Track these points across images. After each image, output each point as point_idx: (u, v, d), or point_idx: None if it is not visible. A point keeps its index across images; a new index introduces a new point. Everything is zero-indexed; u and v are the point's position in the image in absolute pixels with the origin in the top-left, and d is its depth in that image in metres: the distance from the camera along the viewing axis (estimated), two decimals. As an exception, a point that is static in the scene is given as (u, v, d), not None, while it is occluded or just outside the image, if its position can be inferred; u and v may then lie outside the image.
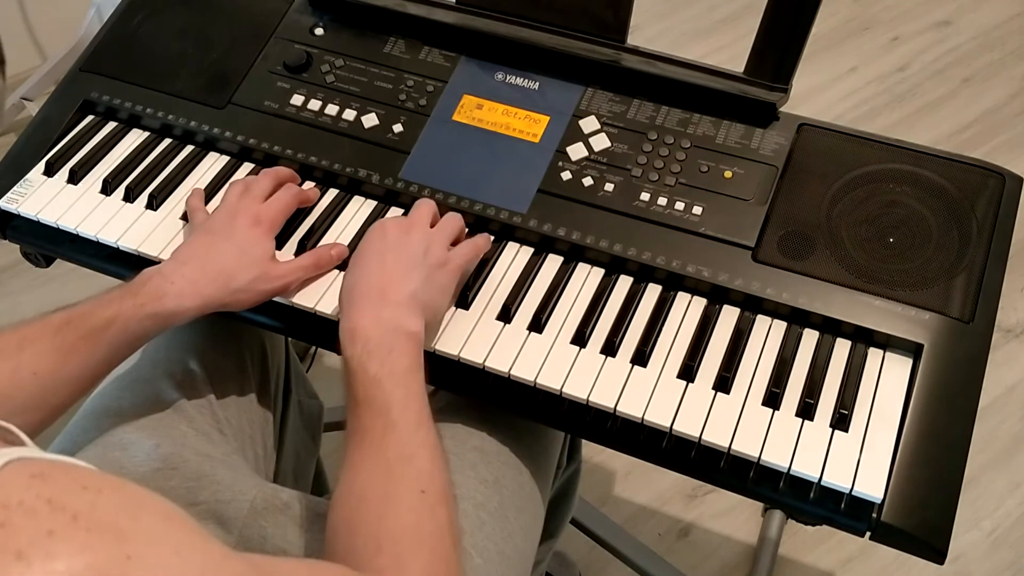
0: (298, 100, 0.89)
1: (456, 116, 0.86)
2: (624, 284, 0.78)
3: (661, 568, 1.25)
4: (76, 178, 0.87)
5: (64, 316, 0.67)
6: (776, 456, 0.67)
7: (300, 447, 0.97)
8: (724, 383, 0.71)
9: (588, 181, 0.81)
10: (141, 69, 0.93)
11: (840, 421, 0.69)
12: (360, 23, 0.92)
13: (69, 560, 0.35)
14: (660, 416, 0.70)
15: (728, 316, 0.76)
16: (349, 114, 0.87)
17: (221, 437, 0.80)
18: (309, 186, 0.86)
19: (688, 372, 0.72)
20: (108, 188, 0.86)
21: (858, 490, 0.65)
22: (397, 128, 0.86)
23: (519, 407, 0.75)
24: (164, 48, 0.93)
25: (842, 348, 0.74)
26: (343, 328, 0.67)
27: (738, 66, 0.82)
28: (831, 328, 0.74)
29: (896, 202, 0.77)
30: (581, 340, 0.75)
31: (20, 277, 1.72)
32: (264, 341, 0.90)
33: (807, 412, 0.70)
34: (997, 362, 1.57)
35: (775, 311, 0.76)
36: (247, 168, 0.88)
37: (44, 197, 0.86)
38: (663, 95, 0.84)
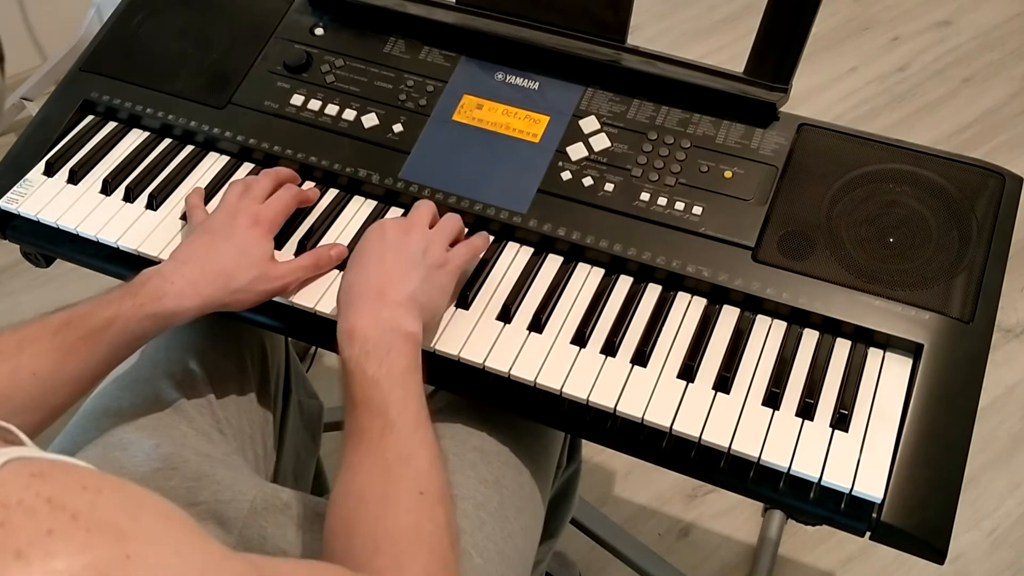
0: (298, 100, 0.89)
1: (456, 116, 0.86)
2: (624, 284, 0.78)
3: (661, 568, 1.25)
4: (76, 178, 0.87)
5: (64, 317, 0.67)
6: (776, 456, 0.67)
7: (300, 447, 0.97)
8: (724, 383, 0.71)
9: (588, 181, 0.81)
10: (141, 69, 0.92)
11: (840, 421, 0.69)
12: (360, 23, 0.92)
13: (68, 559, 0.35)
14: (660, 416, 0.70)
15: (728, 316, 0.76)
16: (349, 114, 0.87)
17: (221, 437, 0.80)
18: (309, 186, 0.86)
19: (688, 372, 0.72)
20: (108, 188, 0.86)
21: (858, 490, 0.65)
22: (397, 128, 0.86)
23: (519, 407, 0.75)
24: (164, 48, 0.93)
25: (842, 348, 0.74)
26: (341, 328, 0.67)
27: (738, 66, 0.82)
28: (831, 328, 0.74)
29: (896, 202, 0.77)
30: (581, 340, 0.75)
31: (20, 277, 1.72)
32: (264, 341, 0.90)
33: (807, 412, 0.70)
34: (997, 362, 1.57)
35: (775, 311, 0.76)
36: (247, 168, 0.88)
37: (44, 197, 0.86)
38: (663, 95, 0.84)
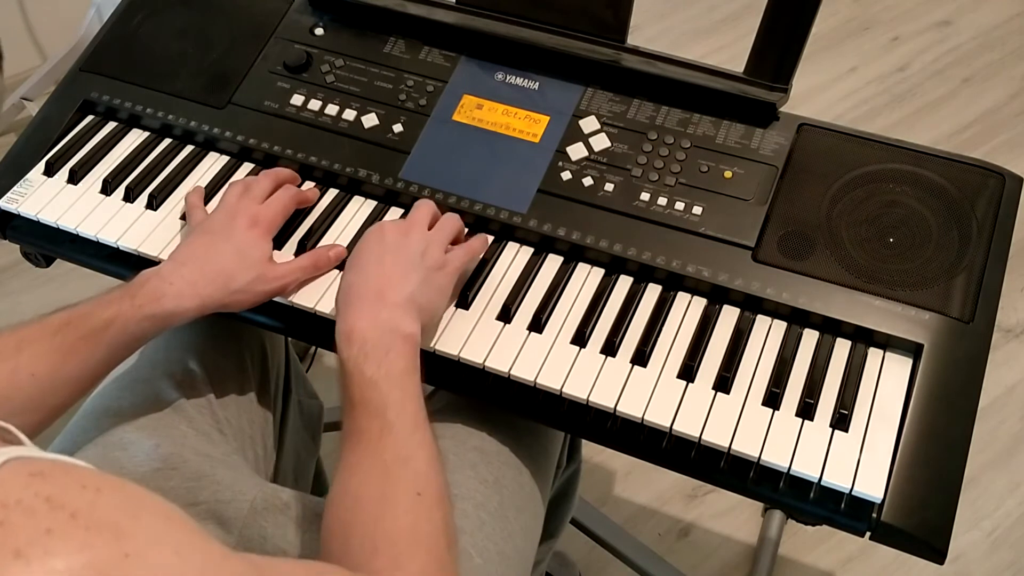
0: (298, 100, 0.89)
1: (456, 116, 0.86)
2: (624, 284, 0.78)
3: (661, 568, 1.24)
4: (76, 178, 0.87)
5: (63, 317, 0.67)
6: (776, 456, 0.67)
7: (300, 447, 0.97)
8: (724, 383, 0.71)
9: (588, 181, 0.81)
10: (141, 69, 0.92)
11: (840, 421, 0.69)
12: (360, 23, 0.92)
13: (68, 558, 0.35)
14: (660, 416, 0.70)
15: (728, 316, 0.76)
16: (349, 114, 0.87)
17: (221, 437, 0.80)
18: (309, 186, 0.86)
19: (688, 372, 0.72)
20: (108, 188, 0.86)
21: (858, 490, 0.65)
22: (397, 128, 0.86)
23: (519, 407, 0.75)
24: (164, 48, 0.93)
25: (842, 348, 0.73)
26: (339, 329, 0.67)
27: (738, 66, 0.82)
28: (831, 328, 0.74)
29: (896, 202, 0.77)
30: (581, 340, 0.74)
31: (20, 277, 1.72)
32: (264, 341, 0.90)
33: (807, 412, 0.70)
34: (997, 362, 1.56)
35: (775, 311, 0.75)
36: (247, 168, 0.88)
37: (44, 197, 0.86)
38: (663, 95, 0.84)
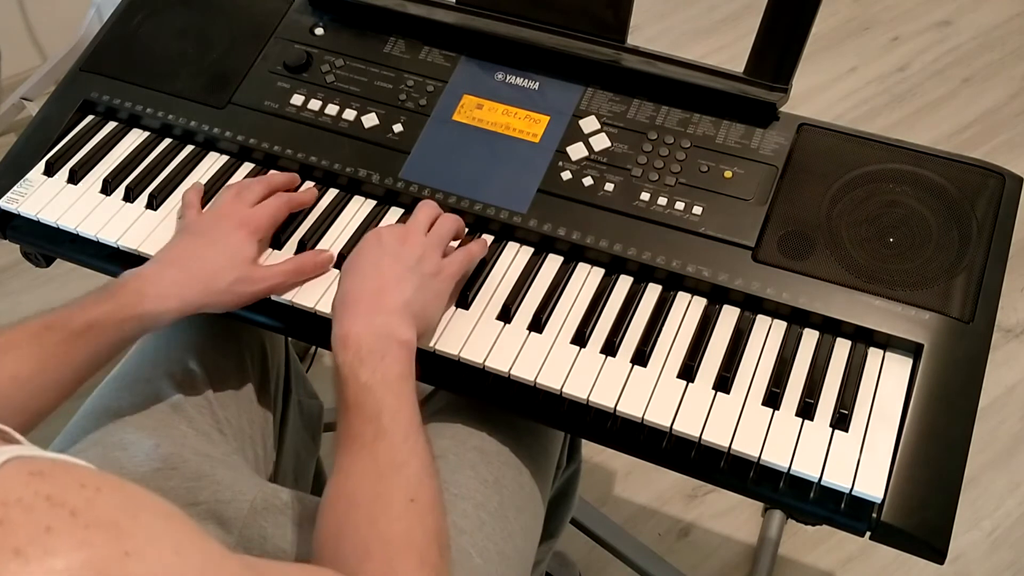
0: (298, 100, 0.89)
1: (456, 116, 0.86)
2: (624, 284, 0.78)
3: (661, 568, 1.24)
4: (76, 178, 0.87)
5: (44, 321, 0.67)
6: (776, 456, 0.67)
7: (300, 447, 0.97)
8: (724, 383, 0.71)
9: (588, 181, 0.81)
10: (141, 69, 0.92)
11: (840, 421, 0.69)
12: (360, 23, 0.92)
13: (67, 557, 0.35)
14: (660, 416, 0.70)
15: (728, 316, 0.76)
16: (349, 114, 0.87)
17: (221, 437, 0.80)
18: (308, 186, 0.86)
19: (688, 372, 0.72)
20: (108, 188, 0.86)
21: (858, 490, 0.65)
22: (397, 128, 0.86)
23: (519, 407, 0.75)
24: (164, 48, 0.93)
25: (842, 348, 0.73)
26: (335, 334, 0.67)
27: (738, 66, 0.82)
28: (831, 328, 0.74)
29: (896, 202, 0.77)
30: (581, 340, 0.74)
31: (20, 277, 1.72)
32: (264, 341, 0.90)
33: (807, 412, 0.70)
34: (997, 362, 1.56)
35: (775, 311, 0.75)
36: (247, 168, 0.88)
37: (44, 197, 0.86)
38: (663, 95, 0.84)
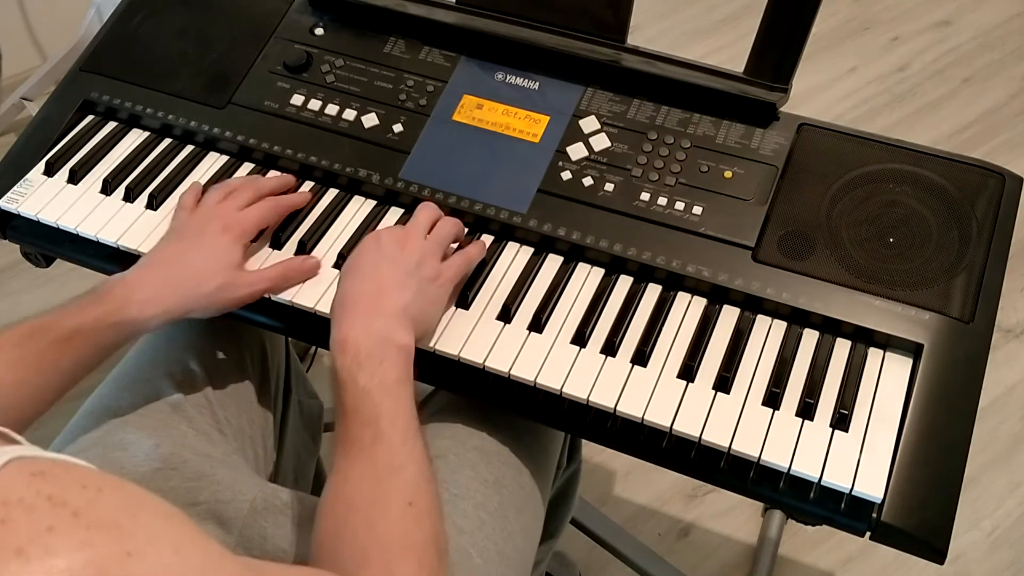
0: (298, 100, 0.89)
1: (456, 116, 0.86)
2: (624, 284, 0.78)
3: (661, 568, 1.24)
4: (76, 178, 0.87)
5: (28, 328, 0.67)
6: (776, 456, 0.67)
7: (300, 447, 0.97)
8: (724, 383, 0.71)
9: (588, 181, 0.81)
10: (141, 69, 0.92)
11: (840, 421, 0.69)
12: (360, 23, 0.92)
13: (69, 556, 0.35)
14: (660, 416, 0.70)
15: (728, 316, 0.76)
16: (349, 114, 0.87)
17: (221, 437, 0.80)
18: (306, 187, 0.86)
19: (688, 372, 0.72)
20: (108, 188, 0.86)
21: (858, 490, 0.65)
22: (397, 128, 0.86)
23: (519, 407, 0.75)
24: (164, 48, 0.93)
25: (842, 348, 0.73)
26: (334, 338, 0.67)
27: (738, 66, 0.82)
28: (831, 328, 0.74)
29: (896, 202, 0.77)
30: (581, 340, 0.74)
31: (20, 277, 1.72)
32: (264, 341, 0.90)
33: (807, 412, 0.70)
34: (997, 362, 1.56)
35: (775, 311, 0.75)
36: (247, 168, 0.88)
37: (44, 197, 0.86)
38: (663, 95, 0.84)
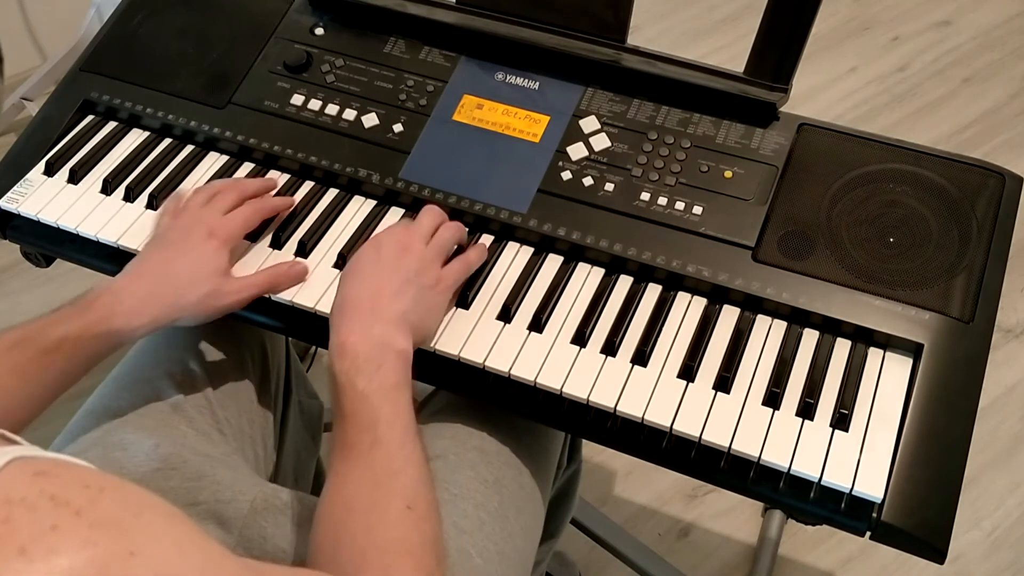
0: (298, 100, 0.89)
1: (456, 116, 0.86)
2: (624, 284, 0.78)
3: (661, 568, 1.25)
4: (76, 178, 0.87)
5: (13, 337, 0.66)
6: (776, 456, 0.67)
7: (300, 447, 0.97)
8: (724, 383, 0.71)
9: (588, 181, 0.81)
10: (141, 69, 0.92)
11: (840, 421, 0.69)
12: (360, 23, 0.92)
13: (72, 555, 0.35)
14: (660, 416, 0.70)
15: (728, 316, 0.76)
16: (349, 114, 0.87)
17: (221, 437, 0.80)
18: (306, 187, 0.86)
19: (688, 372, 0.72)
20: (108, 188, 0.86)
21: (858, 490, 0.65)
22: (397, 128, 0.86)
23: (519, 407, 0.75)
24: (164, 48, 0.93)
25: (842, 348, 0.74)
26: (333, 342, 0.67)
27: (738, 66, 0.82)
28: (831, 328, 0.74)
29: (896, 202, 0.77)
30: (581, 340, 0.75)
31: (20, 277, 1.72)
32: (264, 341, 0.90)
33: (807, 412, 0.70)
34: (997, 362, 1.57)
35: (775, 311, 0.76)
36: (247, 168, 0.88)
37: (44, 197, 0.86)
38: (663, 95, 0.84)
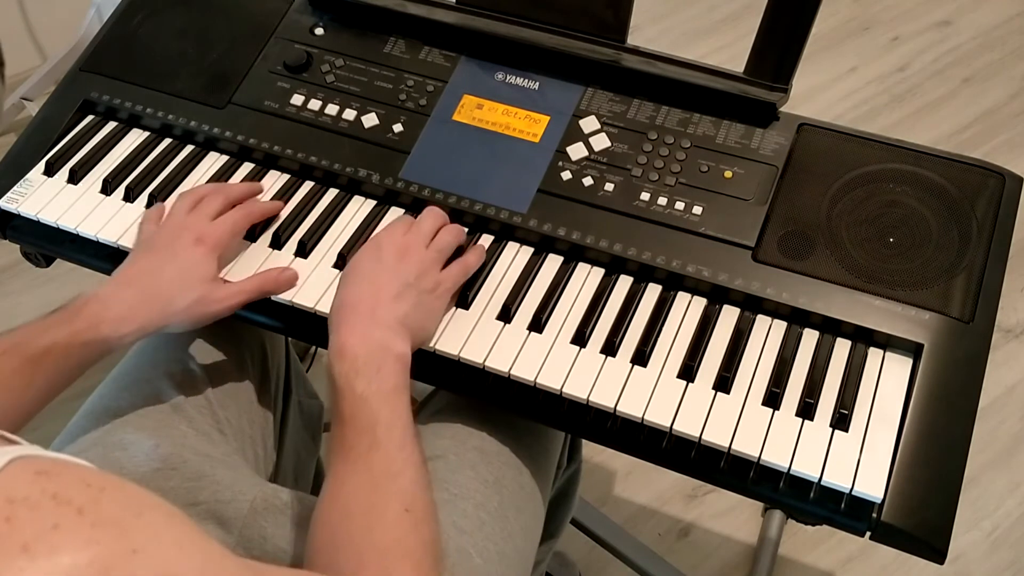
0: (298, 100, 0.89)
1: (456, 116, 0.86)
2: (624, 284, 0.78)
3: (661, 568, 1.25)
4: (76, 178, 0.87)
5: (0, 345, 0.66)
6: (776, 456, 0.67)
7: (300, 447, 0.97)
8: (724, 383, 0.71)
9: (588, 181, 0.81)
10: (141, 69, 0.92)
11: (840, 421, 0.69)
12: (360, 23, 0.92)
13: (74, 554, 0.35)
14: (660, 416, 0.70)
15: (728, 316, 0.76)
16: (349, 114, 0.87)
17: (221, 437, 0.80)
18: (306, 187, 0.86)
19: (688, 372, 0.72)
20: (108, 188, 0.86)
21: (858, 490, 0.65)
22: (397, 128, 0.86)
23: (519, 407, 0.75)
24: (164, 48, 0.93)
25: (842, 348, 0.74)
26: (332, 345, 0.67)
27: (738, 66, 0.82)
28: (831, 328, 0.74)
29: (896, 202, 0.77)
30: (581, 340, 0.75)
31: (20, 277, 1.72)
32: (264, 341, 0.90)
33: (807, 412, 0.70)
34: (997, 362, 1.57)
35: (775, 311, 0.76)
36: (247, 168, 0.88)
37: (44, 197, 0.86)
38: (663, 95, 0.84)
